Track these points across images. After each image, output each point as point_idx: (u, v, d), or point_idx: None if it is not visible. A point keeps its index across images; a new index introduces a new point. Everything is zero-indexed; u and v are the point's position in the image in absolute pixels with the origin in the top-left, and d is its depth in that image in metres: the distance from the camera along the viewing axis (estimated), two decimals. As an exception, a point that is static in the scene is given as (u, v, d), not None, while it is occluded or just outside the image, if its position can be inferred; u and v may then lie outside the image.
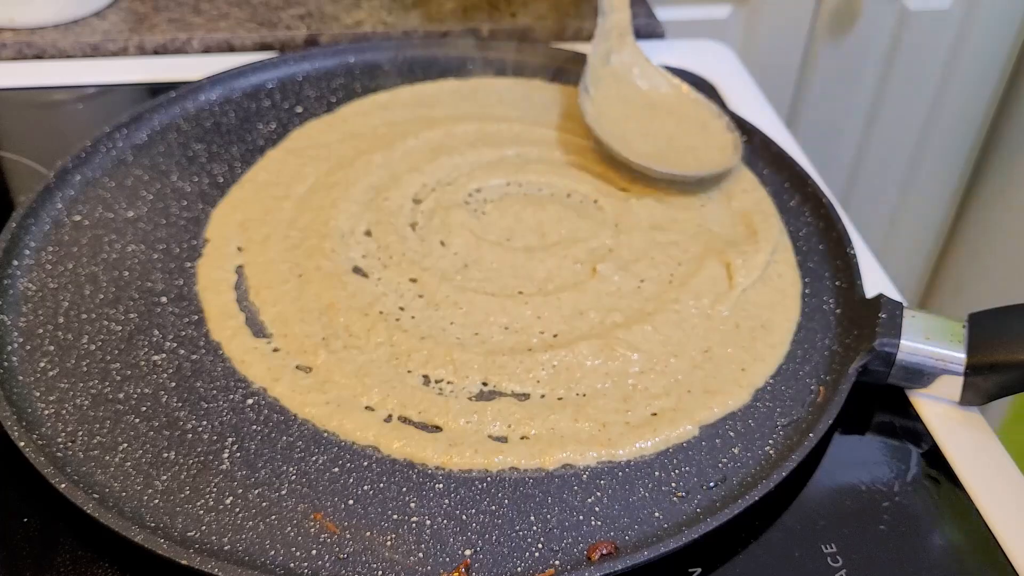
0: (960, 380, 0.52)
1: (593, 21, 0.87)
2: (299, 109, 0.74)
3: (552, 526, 0.47)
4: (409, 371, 0.54)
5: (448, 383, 0.53)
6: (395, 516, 0.47)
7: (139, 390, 0.52)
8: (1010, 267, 1.14)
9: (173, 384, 0.53)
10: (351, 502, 0.47)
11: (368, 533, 0.46)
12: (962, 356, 0.52)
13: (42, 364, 0.53)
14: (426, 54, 0.79)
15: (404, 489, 0.48)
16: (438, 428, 0.51)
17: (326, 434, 0.51)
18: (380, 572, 0.44)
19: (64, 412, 0.51)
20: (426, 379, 0.54)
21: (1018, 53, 1.10)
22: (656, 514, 0.47)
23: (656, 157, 0.67)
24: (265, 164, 0.68)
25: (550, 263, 0.61)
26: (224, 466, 0.49)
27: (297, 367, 0.54)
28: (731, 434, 0.52)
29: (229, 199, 0.65)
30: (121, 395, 0.52)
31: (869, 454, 0.52)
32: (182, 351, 0.55)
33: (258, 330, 0.56)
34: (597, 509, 0.47)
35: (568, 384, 0.53)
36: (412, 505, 0.47)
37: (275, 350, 0.55)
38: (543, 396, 0.53)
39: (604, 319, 0.57)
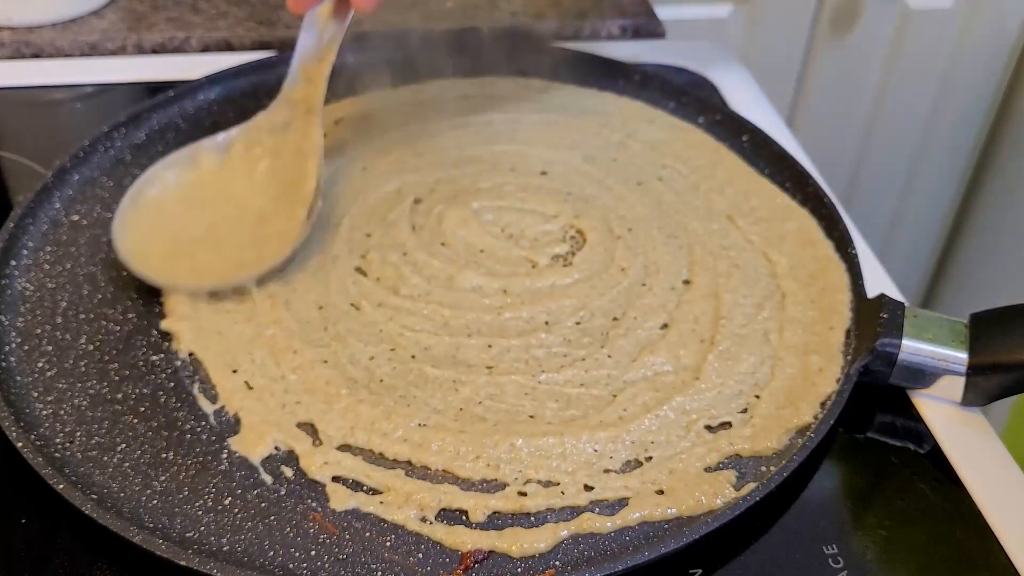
0: (962, 380, 0.52)
1: (593, 19, 0.87)
2: (298, 108, 0.73)
3: (552, 527, 0.46)
4: (410, 371, 0.54)
5: (452, 381, 0.53)
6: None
7: (138, 390, 0.52)
8: (1012, 267, 1.14)
9: (172, 384, 0.53)
10: (351, 503, 0.47)
11: (367, 534, 0.46)
12: (964, 356, 0.52)
13: (40, 364, 0.53)
14: (426, 53, 0.79)
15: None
16: (443, 431, 0.50)
17: (325, 434, 0.51)
18: (379, 573, 0.44)
19: (62, 412, 0.51)
20: (426, 379, 0.53)
21: (1019, 53, 1.10)
22: (657, 514, 0.47)
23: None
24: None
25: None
26: (223, 466, 0.49)
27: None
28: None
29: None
30: (119, 395, 0.52)
31: (870, 455, 0.52)
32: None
33: (257, 330, 0.56)
34: (597, 510, 0.47)
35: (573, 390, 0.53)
36: (412, 506, 0.47)
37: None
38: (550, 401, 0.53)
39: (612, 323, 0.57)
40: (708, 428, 0.51)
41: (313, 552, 0.45)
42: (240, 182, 0.60)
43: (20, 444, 0.47)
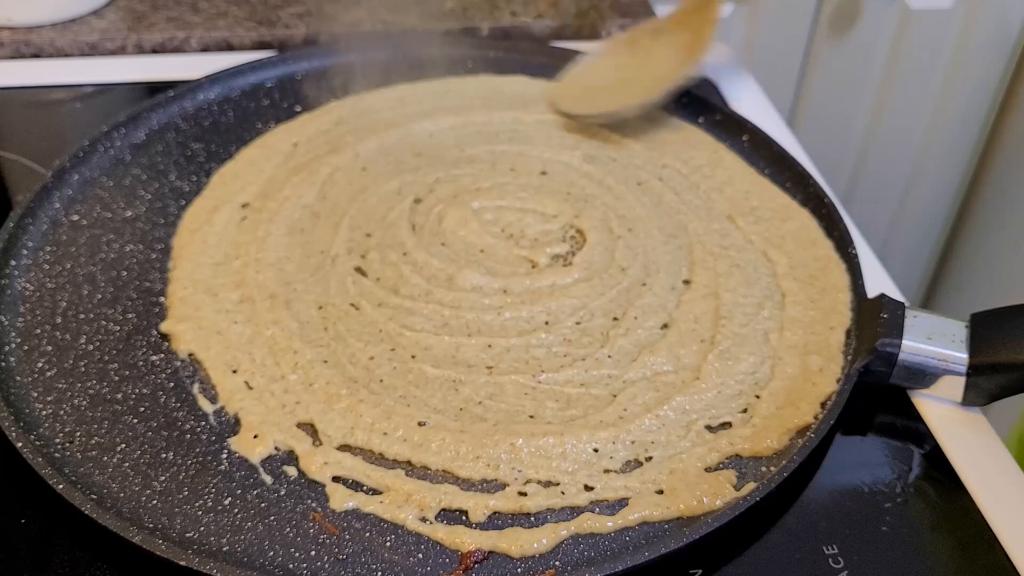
0: (962, 380, 0.52)
1: (593, 19, 0.87)
2: (298, 108, 0.74)
3: (552, 527, 0.46)
4: (410, 371, 0.54)
5: (452, 381, 0.53)
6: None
7: (137, 390, 0.52)
8: (1012, 267, 1.14)
9: (171, 384, 0.53)
10: (350, 503, 0.47)
11: (367, 534, 0.46)
12: (964, 356, 0.52)
13: (40, 364, 0.53)
14: (426, 52, 0.79)
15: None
16: (443, 431, 0.51)
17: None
18: (379, 573, 0.44)
19: (62, 413, 0.51)
20: (426, 379, 0.53)
21: (1020, 52, 1.10)
22: (657, 515, 0.47)
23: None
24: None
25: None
26: (223, 467, 0.49)
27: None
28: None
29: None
30: (119, 395, 0.52)
31: (871, 455, 0.52)
32: (181, 351, 0.55)
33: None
34: (597, 510, 0.47)
35: (573, 387, 0.53)
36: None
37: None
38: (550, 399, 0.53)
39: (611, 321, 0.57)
40: (708, 428, 0.51)
41: (313, 552, 0.45)
42: (654, 52, 0.77)
43: (20, 444, 0.47)
